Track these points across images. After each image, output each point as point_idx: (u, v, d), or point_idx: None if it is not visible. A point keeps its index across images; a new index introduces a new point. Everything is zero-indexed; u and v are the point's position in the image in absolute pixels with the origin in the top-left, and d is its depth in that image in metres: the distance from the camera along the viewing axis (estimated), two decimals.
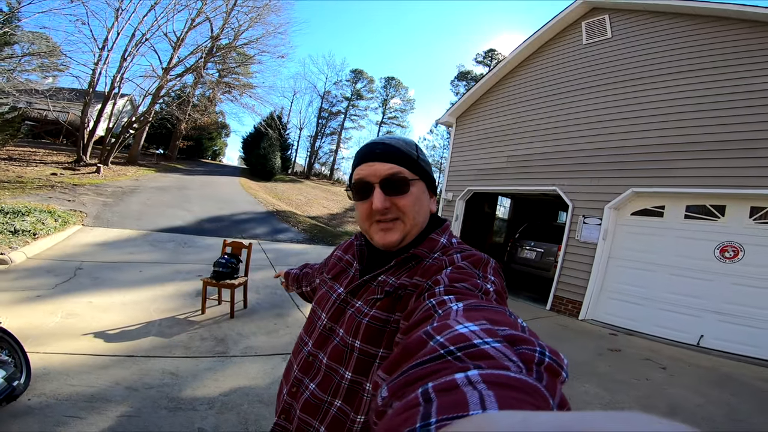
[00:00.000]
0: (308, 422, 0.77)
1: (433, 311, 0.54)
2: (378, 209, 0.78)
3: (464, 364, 0.33)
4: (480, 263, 0.74)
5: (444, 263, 0.74)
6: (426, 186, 0.86)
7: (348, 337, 0.78)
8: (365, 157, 0.82)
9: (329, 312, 0.86)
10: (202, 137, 28.65)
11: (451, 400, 0.27)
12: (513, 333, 0.40)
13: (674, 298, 5.51)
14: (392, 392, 0.34)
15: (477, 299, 0.56)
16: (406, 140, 0.86)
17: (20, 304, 3.83)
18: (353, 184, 0.83)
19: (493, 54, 35.36)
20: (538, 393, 0.30)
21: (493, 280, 0.69)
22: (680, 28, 5.90)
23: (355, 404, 0.74)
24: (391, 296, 0.76)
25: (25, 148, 15.85)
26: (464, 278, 0.65)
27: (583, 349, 4.71)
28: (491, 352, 0.35)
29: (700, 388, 3.78)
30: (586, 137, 6.79)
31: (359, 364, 0.75)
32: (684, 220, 5.63)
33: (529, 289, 8.29)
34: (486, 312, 0.47)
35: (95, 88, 15.94)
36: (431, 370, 0.34)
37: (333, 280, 0.93)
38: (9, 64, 13.39)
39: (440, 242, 0.83)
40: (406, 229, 0.81)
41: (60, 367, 2.69)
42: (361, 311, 0.78)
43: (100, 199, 10.32)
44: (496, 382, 0.29)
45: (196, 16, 18.24)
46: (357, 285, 0.84)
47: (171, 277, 5.64)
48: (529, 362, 0.36)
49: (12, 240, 5.62)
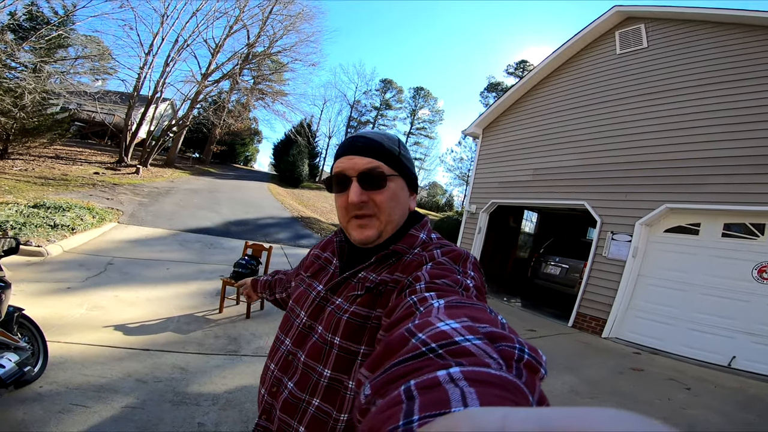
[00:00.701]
0: (287, 422, 0.77)
1: (414, 308, 0.54)
2: (354, 203, 0.77)
3: (446, 362, 0.34)
4: (459, 258, 0.73)
5: (424, 259, 0.75)
6: (406, 183, 0.86)
7: (327, 334, 0.77)
8: (346, 150, 0.81)
9: (308, 310, 0.85)
10: (235, 142, 29.59)
11: (433, 397, 0.28)
12: (493, 330, 0.40)
13: (706, 318, 5.24)
14: (375, 390, 0.34)
15: (458, 296, 0.56)
16: (389, 135, 0.86)
17: (50, 295, 4.04)
18: (333, 176, 0.83)
19: (525, 65, 34.75)
20: (518, 389, 0.30)
21: (472, 275, 0.69)
22: (722, 37, 5.62)
23: (337, 403, 0.73)
24: (372, 292, 0.76)
25: (72, 148, 16.87)
26: (445, 274, 0.65)
27: (604, 367, 4.52)
28: (472, 350, 0.35)
29: (723, 408, 3.60)
30: (617, 150, 6.54)
31: (339, 361, 0.74)
32: (720, 238, 5.33)
33: (551, 305, 8.04)
34: (467, 309, 0.47)
35: (139, 91, 16.83)
36: (413, 367, 0.34)
37: (311, 278, 0.92)
38: (62, 66, 14.28)
39: (420, 238, 0.84)
40: (382, 225, 0.81)
41: (77, 357, 2.81)
42: (341, 308, 0.78)
43: (136, 199, 10.82)
44: (477, 379, 0.30)
45: (234, 23, 19.01)
46: (337, 282, 0.84)
47: (195, 276, 5.81)
48: (509, 359, 0.36)
49: (51, 233, 5.96)
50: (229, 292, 4.78)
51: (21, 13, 12.32)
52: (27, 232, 5.66)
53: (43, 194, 8.66)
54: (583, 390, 3.74)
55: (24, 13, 12.57)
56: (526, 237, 11.48)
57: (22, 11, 12.24)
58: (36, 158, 13.20)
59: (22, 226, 5.82)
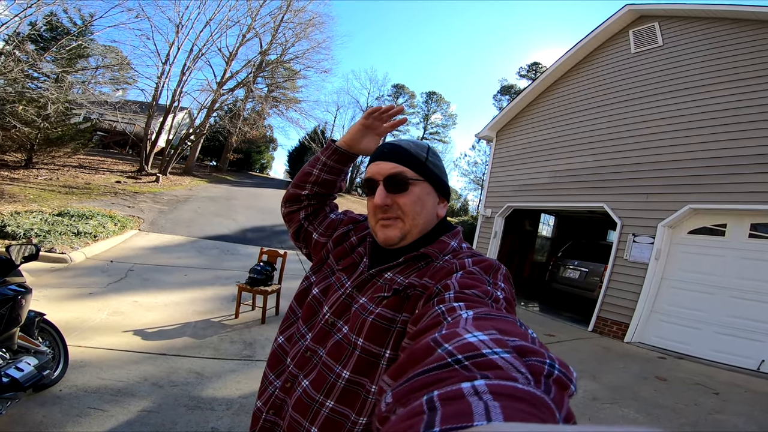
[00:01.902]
0: (299, 422, 0.75)
1: (442, 318, 0.53)
2: (378, 205, 0.81)
3: (471, 374, 0.33)
4: (491, 269, 0.73)
5: (455, 267, 0.74)
6: (434, 189, 0.87)
7: (352, 335, 0.76)
8: (376, 157, 0.86)
9: (333, 306, 0.84)
10: (251, 150, 30.07)
11: (455, 409, 0.27)
12: (523, 344, 0.39)
13: (734, 321, 5.06)
14: (397, 398, 0.34)
15: (487, 307, 0.56)
16: (418, 143, 0.88)
17: (72, 300, 4.15)
18: (364, 181, 0.87)
19: (537, 67, 34.34)
20: (545, 406, 0.29)
21: (503, 287, 0.68)
22: (739, 33, 5.48)
23: (356, 406, 0.72)
24: (399, 295, 0.75)
25: (95, 157, 17.42)
26: (474, 284, 0.64)
27: (627, 372, 4.38)
28: (500, 363, 0.34)
29: (754, 414, 3.44)
30: (636, 150, 6.39)
31: (360, 363, 0.73)
32: (748, 239, 5.13)
33: (570, 310, 7.89)
34: (496, 321, 0.47)
35: (158, 101, 17.31)
36: (437, 378, 0.34)
37: (342, 271, 0.90)
38: (83, 75, 14.74)
39: (451, 245, 0.84)
40: (406, 228, 0.82)
41: (96, 361, 2.87)
42: (366, 308, 0.77)
43: (156, 207, 11.07)
44: (503, 393, 0.29)
45: (247, 32, 19.44)
46: (363, 279, 0.84)
47: (212, 281, 5.89)
48: (537, 374, 0.35)
49: (74, 241, 6.14)
50: (244, 298, 4.82)
51: (41, 23, 12.75)
52: (51, 240, 5.84)
53: (66, 203, 8.94)
54: (604, 395, 3.62)
55: (44, 23, 13.01)
56: (543, 241, 11.29)
57: (42, 21, 12.67)
58: (60, 167, 13.67)
59: (47, 233, 6.00)
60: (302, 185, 1.03)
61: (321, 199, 1.05)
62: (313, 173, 1.01)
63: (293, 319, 0.94)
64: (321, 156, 1.02)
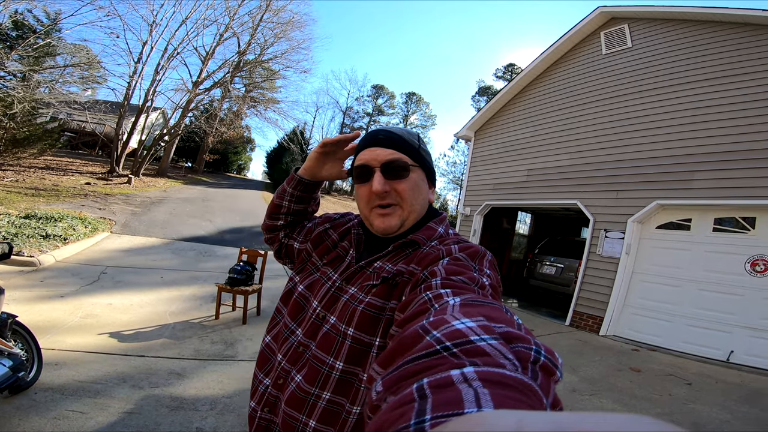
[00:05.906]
0: (294, 416, 0.75)
1: (429, 305, 0.53)
2: (377, 191, 0.79)
3: (460, 361, 0.33)
4: (477, 256, 0.73)
5: (441, 253, 0.74)
6: (426, 175, 0.87)
7: (341, 325, 0.76)
8: (369, 143, 0.84)
9: (322, 300, 0.83)
10: (227, 151, 29.54)
11: (446, 397, 0.27)
12: (509, 330, 0.40)
13: (702, 313, 5.27)
14: (387, 387, 0.34)
15: (474, 294, 0.56)
16: (408, 130, 0.88)
17: (43, 303, 4.00)
18: (355, 168, 0.85)
19: (513, 68, 35.09)
20: (533, 392, 0.30)
21: (489, 273, 0.68)
22: (703, 35, 5.74)
23: (350, 395, 0.73)
24: (388, 282, 0.75)
25: (63, 158, 16.73)
26: (461, 271, 0.64)
27: (602, 365, 4.53)
28: (487, 349, 0.35)
29: (727, 404, 3.59)
30: (607, 149, 6.62)
31: (352, 353, 0.73)
32: (712, 233, 5.38)
33: (548, 305, 8.07)
34: (483, 308, 0.46)
35: (130, 100, 16.75)
36: (427, 365, 0.34)
37: (327, 266, 0.90)
38: (51, 74, 14.14)
39: (438, 231, 0.84)
40: (404, 214, 0.82)
41: (71, 363, 2.78)
42: (356, 298, 0.77)
43: (129, 209, 10.73)
44: (492, 379, 0.29)
45: (224, 32, 19.06)
46: (352, 271, 0.83)
47: (189, 283, 5.77)
48: (524, 360, 0.35)
49: (42, 244, 5.90)
50: (224, 299, 4.74)
51: (7, 21, 12.21)
52: (19, 243, 5.60)
53: (34, 205, 8.57)
54: (583, 387, 3.75)
55: (10, 21, 12.46)
56: (521, 238, 11.53)
57: (7, 20, 12.13)
58: (26, 169, 13.08)
59: (14, 236, 5.75)
60: (276, 217, 1.04)
61: (298, 220, 1.06)
62: (284, 205, 1.02)
63: (279, 319, 0.93)
64: (287, 187, 1.01)
